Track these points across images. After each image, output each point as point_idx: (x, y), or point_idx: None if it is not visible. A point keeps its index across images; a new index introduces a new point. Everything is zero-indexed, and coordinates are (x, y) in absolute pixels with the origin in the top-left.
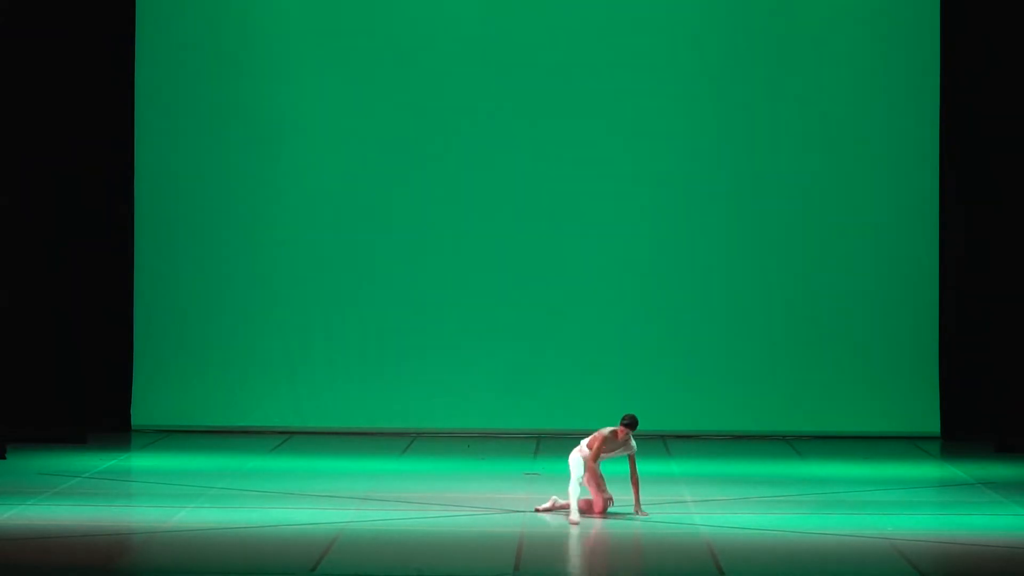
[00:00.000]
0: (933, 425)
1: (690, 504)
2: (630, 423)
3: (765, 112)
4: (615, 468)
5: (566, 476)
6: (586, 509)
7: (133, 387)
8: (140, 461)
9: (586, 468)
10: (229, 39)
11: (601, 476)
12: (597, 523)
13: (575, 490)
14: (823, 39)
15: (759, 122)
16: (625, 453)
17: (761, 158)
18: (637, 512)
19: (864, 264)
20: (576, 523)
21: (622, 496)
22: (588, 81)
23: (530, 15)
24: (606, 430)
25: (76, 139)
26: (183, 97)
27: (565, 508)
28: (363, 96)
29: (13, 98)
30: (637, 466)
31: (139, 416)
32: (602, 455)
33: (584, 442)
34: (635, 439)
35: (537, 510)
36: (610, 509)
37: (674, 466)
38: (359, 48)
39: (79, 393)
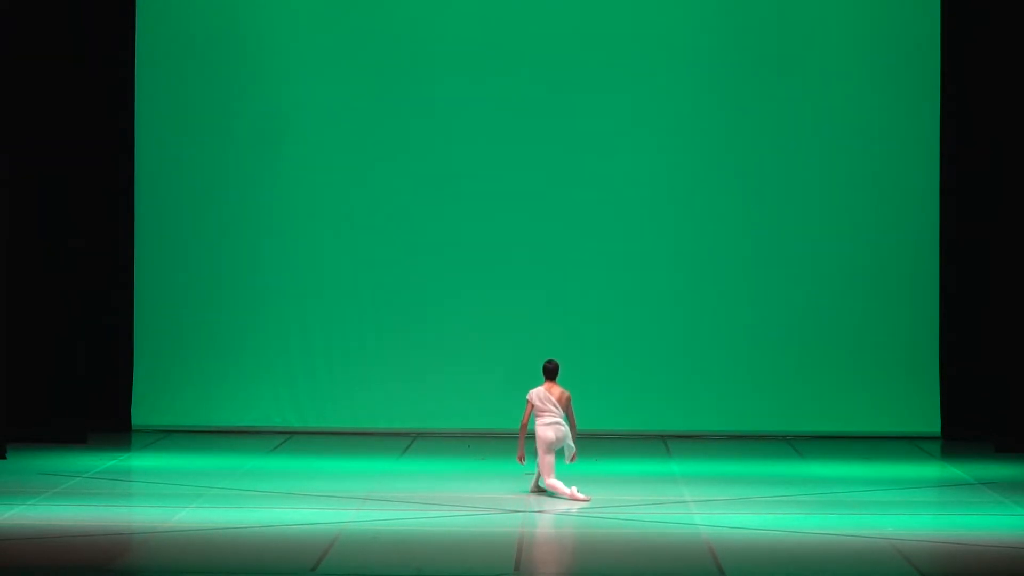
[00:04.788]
0: (933, 425)
1: (690, 504)
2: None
3: (766, 115)
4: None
5: (560, 477)
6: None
7: (133, 387)
8: (140, 461)
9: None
10: (229, 39)
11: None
12: (596, 523)
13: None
14: (825, 43)
15: (761, 124)
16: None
17: (761, 161)
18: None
19: (864, 264)
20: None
21: (619, 495)
22: (591, 83)
23: (534, 14)
24: (544, 393)
25: (76, 139)
26: (183, 98)
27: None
28: (364, 97)
29: (13, 98)
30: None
31: (139, 416)
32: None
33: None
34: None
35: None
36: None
37: (674, 466)
38: (359, 49)
39: (79, 393)
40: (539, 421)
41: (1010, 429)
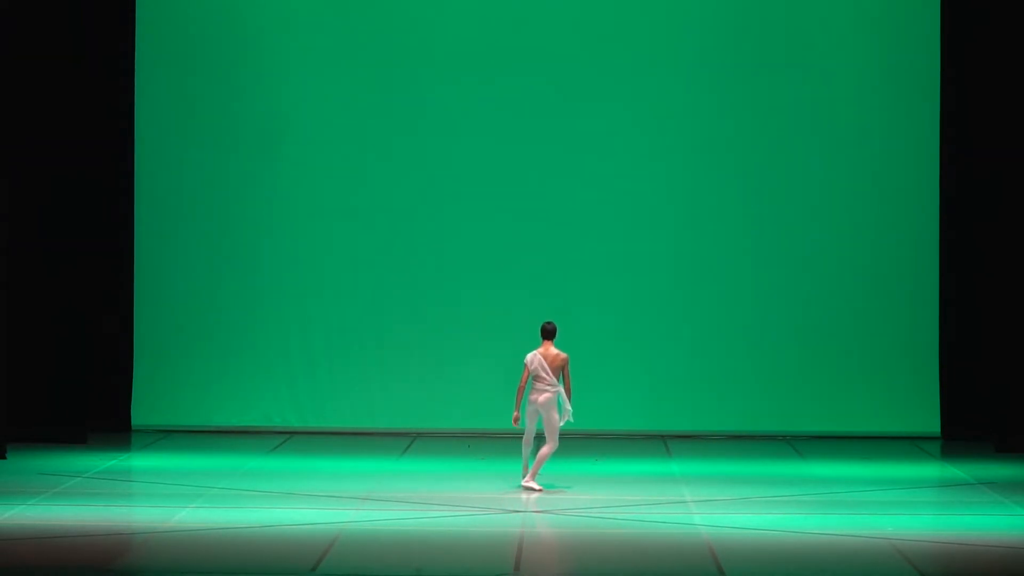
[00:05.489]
0: (933, 425)
1: (690, 504)
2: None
3: (767, 117)
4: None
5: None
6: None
7: (133, 387)
8: (140, 461)
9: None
10: (229, 39)
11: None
12: (596, 523)
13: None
14: (825, 45)
15: (761, 125)
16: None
17: (763, 162)
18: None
19: (864, 265)
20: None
21: (619, 495)
22: (592, 84)
23: (534, 14)
24: (540, 359)
25: (76, 139)
26: (183, 97)
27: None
28: (364, 97)
29: (13, 98)
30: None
31: (139, 416)
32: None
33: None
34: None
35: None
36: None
37: (674, 466)
38: (359, 49)
39: (79, 393)
40: (534, 385)
41: (1010, 429)
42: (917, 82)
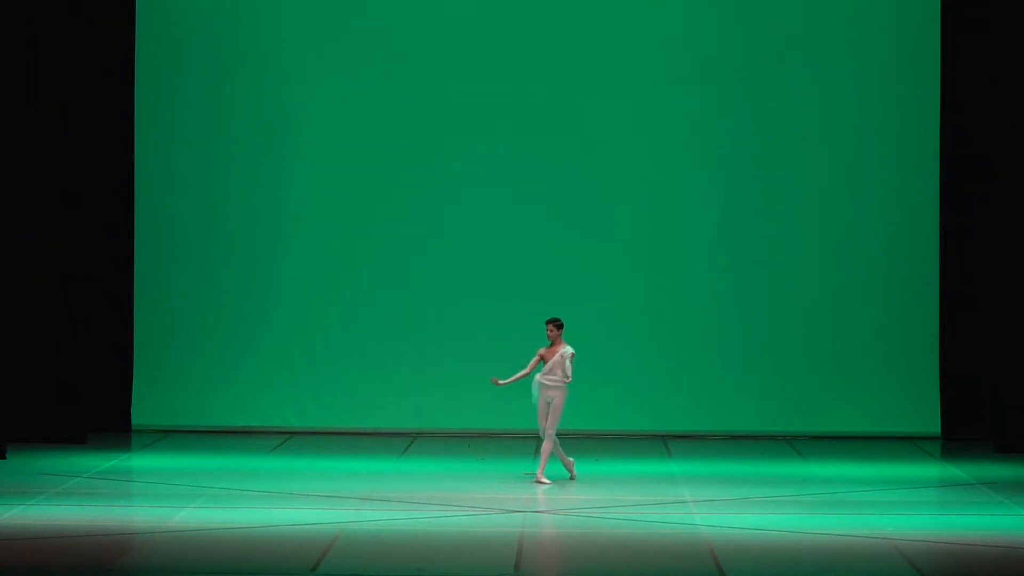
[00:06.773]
0: (933, 425)
1: (690, 504)
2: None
3: (769, 120)
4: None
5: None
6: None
7: (133, 387)
8: (140, 461)
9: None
10: (229, 39)
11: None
12: (596, 523)
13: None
14: (826, 47)
15: (764, 129)
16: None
17: (764, 162)
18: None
19: (865, 265)
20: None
21: (619, 495)
22: (594, 87)
23: (535, 15)
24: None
25: (76, 140)
26: (183, 97)
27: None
28: (365, 97)
29: (13, 99)
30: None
31: (139, 416)
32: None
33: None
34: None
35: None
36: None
37: (674, 466)
38: (362, 50)
39: (79, 393)
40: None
41: (1010, 429)
42: (917, 85)
